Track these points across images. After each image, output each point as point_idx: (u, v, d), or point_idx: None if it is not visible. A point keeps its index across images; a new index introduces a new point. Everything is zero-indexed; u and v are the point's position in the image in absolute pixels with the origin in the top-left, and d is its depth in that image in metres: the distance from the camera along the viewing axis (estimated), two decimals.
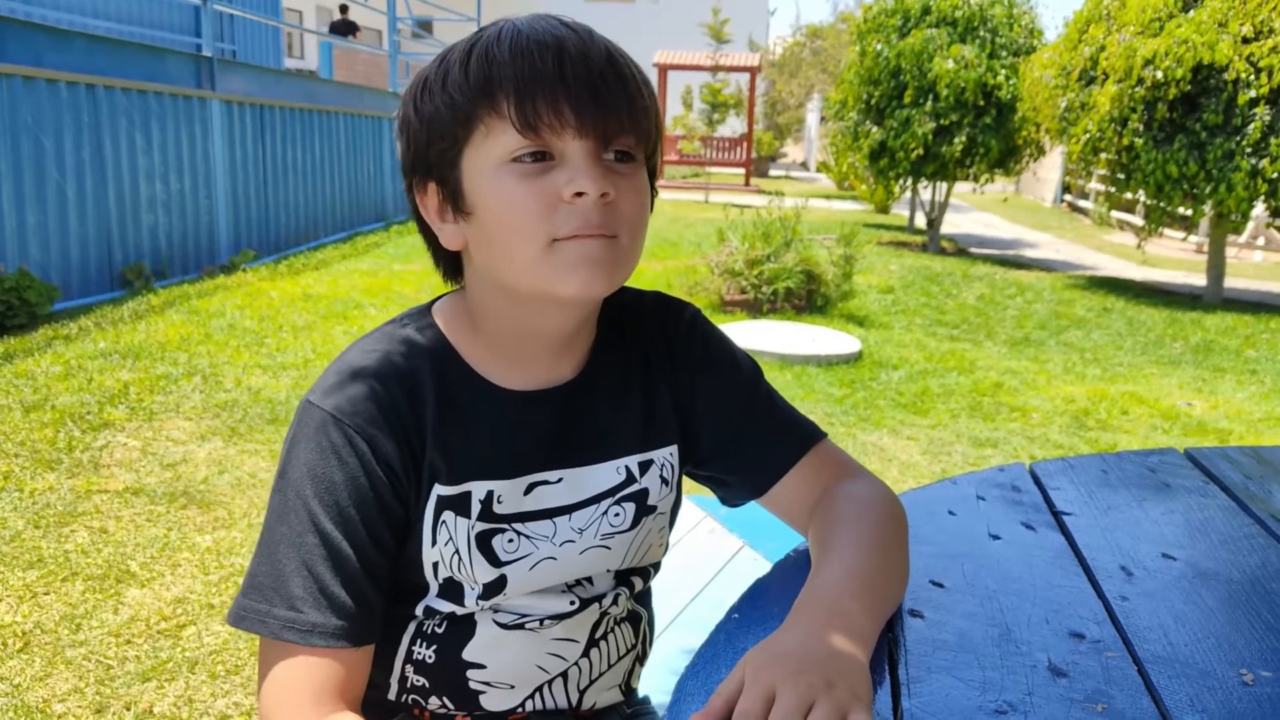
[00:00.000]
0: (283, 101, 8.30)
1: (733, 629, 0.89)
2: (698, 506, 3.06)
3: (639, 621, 1.07)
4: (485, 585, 0.92)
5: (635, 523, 0.99)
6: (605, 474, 0.97)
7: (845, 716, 0.70)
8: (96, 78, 5.97)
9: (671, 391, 1.01)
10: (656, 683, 1.19)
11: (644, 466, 0.99)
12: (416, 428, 0.88)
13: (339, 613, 0.84)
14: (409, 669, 0.96)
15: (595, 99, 0.83)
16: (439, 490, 0.90)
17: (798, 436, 1.03)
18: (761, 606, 0.93)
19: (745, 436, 1.02)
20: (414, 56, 14.54)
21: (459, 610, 0.94)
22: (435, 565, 0.91)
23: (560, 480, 0.94)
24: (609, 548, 0.97)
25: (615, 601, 1.01)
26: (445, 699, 0.96)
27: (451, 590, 0.93)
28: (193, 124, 6.98)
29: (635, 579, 1.03)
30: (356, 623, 0.85)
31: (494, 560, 0.92)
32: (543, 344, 0.93)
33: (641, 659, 1.08)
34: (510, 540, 0.92)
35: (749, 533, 2.95)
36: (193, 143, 6.99)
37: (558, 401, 0.94)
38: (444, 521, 0.90)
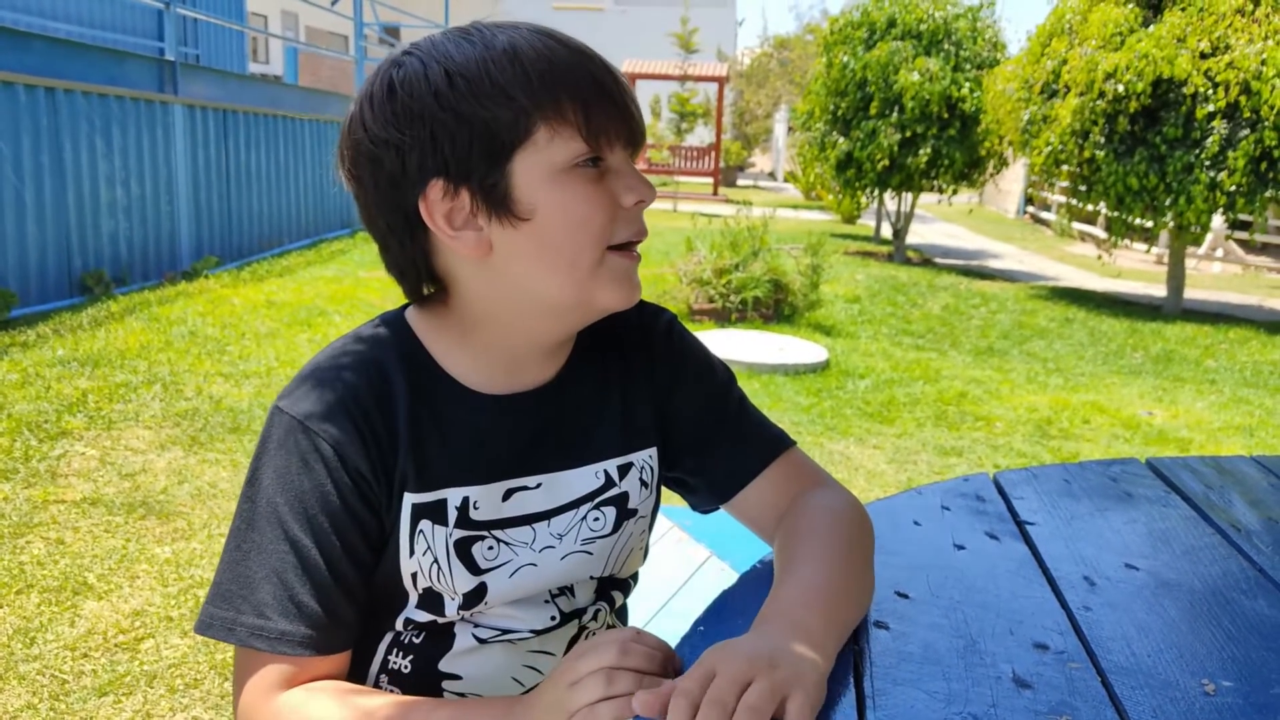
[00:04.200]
0: (246, 106, 8.22)
1: (697, 642, 0.88)
2: (664, 516, 3.05)
3: None
4: (465, 595, 0.91)
5: (617, 527, 0.98)
6: (584, 478, 0.96)
7: (785, 698, 0.69)
8: (56, 81, 5.88)
9: (649, 395, 1.01)
10: None
11: (623, 470, 0.98)
12: (388, 434, 0.86)
13: (308, 621, 0.83)
14: (383, 679, 0.94)
15: (634, 113, 0.87)
16: (412, 498, 0.88)
17: (766, 443, 1.03)
18: (726, 619, 0.93)
19: (715, 441, 1.02)
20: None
21: (439, 620, 0.92)
22: (414, 575, 0.90)
23: (539, 485, 0.93)
24: (590, 553, 0.96)
25: (595, 617, 1.00)
26: None
27: (431, 601, 0.91)
28: (154, 128, 6.89)
29: (615, 593, 1.03)
30: (326, 632, 0.84)
31: (473, 568, 0.90)
32: (537, 351, 0.93)
33: None
34: (490, 548, 0.91)
35: (716, 543, 2.95)
36: (154, 147, 6.90)
37: (534, 405, 0.93)
38: (421, 531, 0.88)
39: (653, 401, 1.01)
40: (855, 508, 0.99)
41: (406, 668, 0.93)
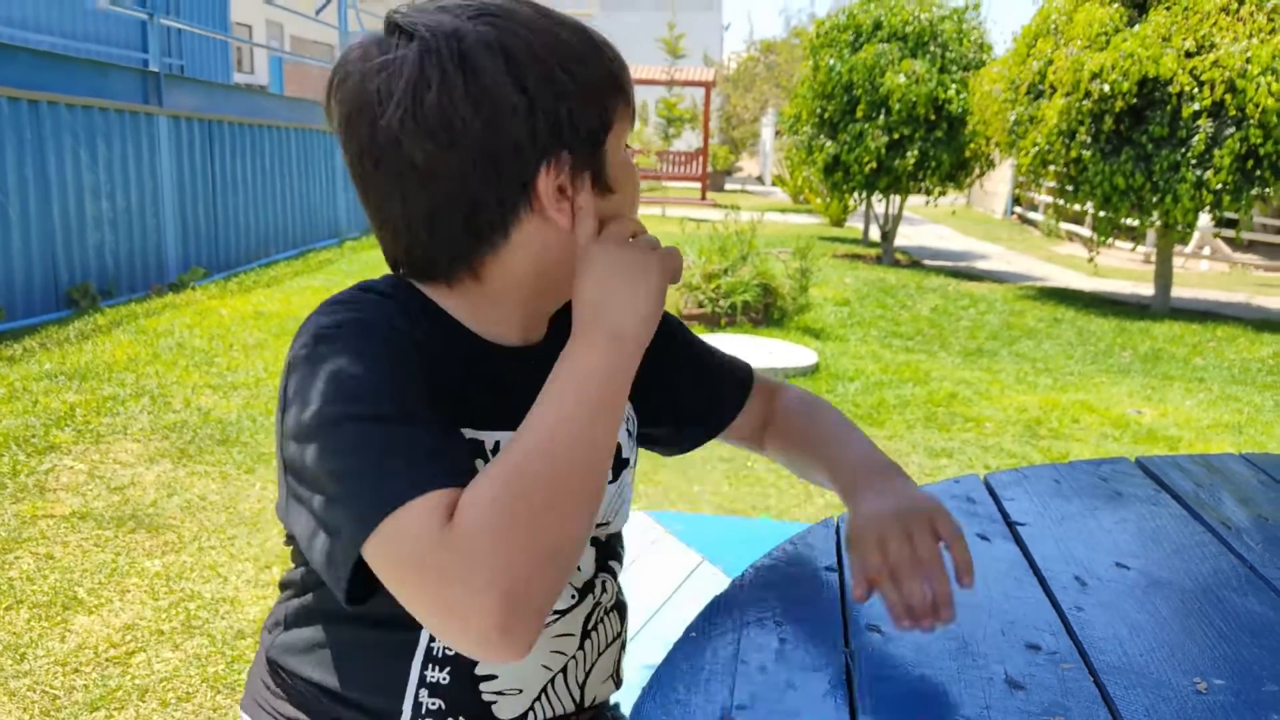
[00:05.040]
0: (232, 117, 8.20)
1: (690, 647, 0.88)
2: (657, 521, 3.05)
3: (624, 610, 1.08)
4: None
5: (615, 476, 1.00)
6: None
7: (934, 524, 0.90)
8: (40, 93, 5.85)
9: None
10: (617, 697, 1.18)
11: None
12: (424, 360, 0.81)
13: (442, 465, 0.73)
14: (423, 693, 0.91)
15: None
16: (466, 432, 0.86)
17: (740, 374, 1.18)
18: (719, 624, 0.92)
19: (697, 384, 1.14)
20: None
21: None
22: None
23: None
24: None
25: (604, 588, 1.01)
26: (461, 718, 0.93)
27: None
28: (139, 140, 6.87)
29: (613, 563, 1.04)
30: (463, 474, 0.74)
31: None
32: (528, 321, 0.95)
33: (624, 645, 1.08)
34: None
35: (708, 548, 2.95)
36: (139, 159, 6.88)
37: (543, 359, 0.91)
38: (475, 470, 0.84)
39: None
40: (808, 391, 1.21)
41: (445, 679, 0.92)
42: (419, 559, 0.68)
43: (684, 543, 2.98)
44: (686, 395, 1.13)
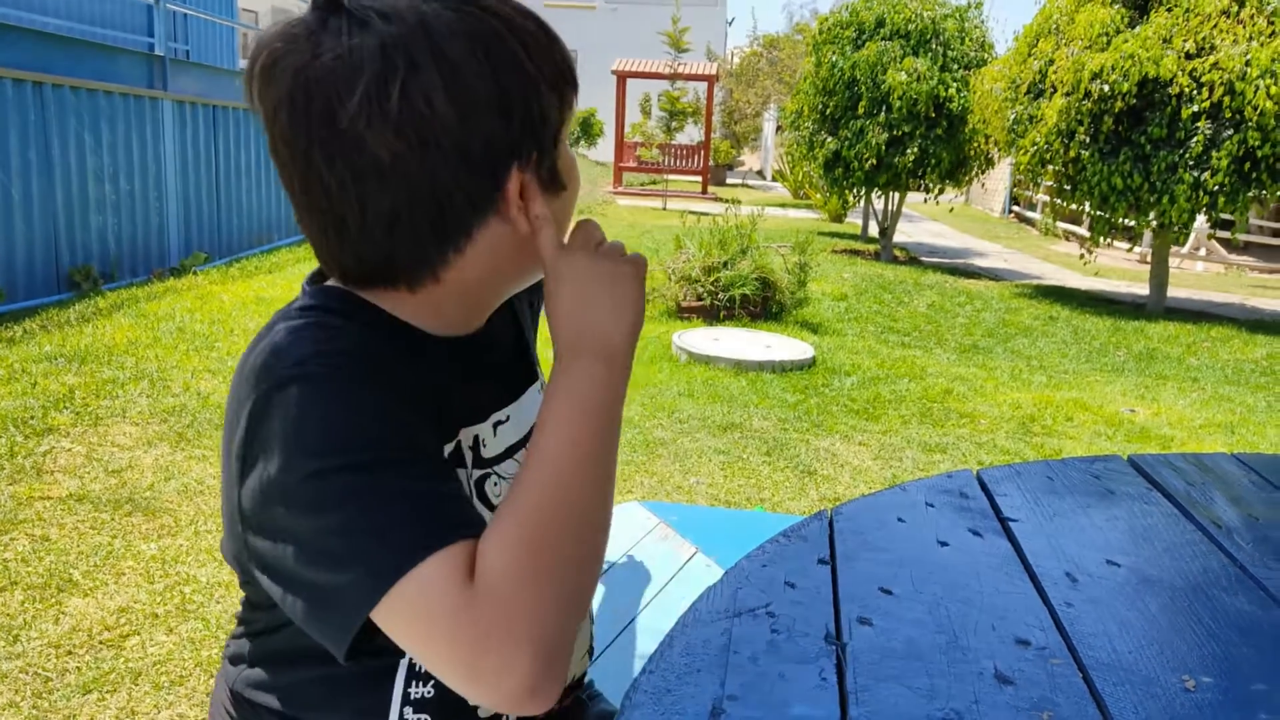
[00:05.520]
0: (236, 103, 8.19)
1: (682, 639, 0.89)
2: (650, 512, 3.06)
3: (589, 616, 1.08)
4: None
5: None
6: (533, 399, 0.99)
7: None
8: (45, 76, 5.84)
9: (531, 307, 1.07)
10: (608, 686, 1.18)
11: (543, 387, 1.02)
12: (396, 379, 0.77)
13: (444, 517, 0.70)
14: (408, 710, 0.87)
15: None
16: (445, 448, 0.84)
17: None
18: (711, 615, 0.93)
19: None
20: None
21: None
22: None
23: (508, 418, 0.94)
24: None
25: None
26: None
27: None
28: (144, 124, 6.86)
29: None
30: (467, 525, 0.71)
31: (491, 508, 0.89)
32: (474, 310, 0.90)
33: (592, 619, 1.09)
34: (495, 484, 0.91)
35: (702, 539, 2.96)
36: (143, 143, 6.87)
37: (486, 343, 0.93)
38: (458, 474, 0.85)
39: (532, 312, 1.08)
40: None
41: (430, 693, 0.87)
42: (446, 622, 0.65)
43: (678, 533, 2.99)
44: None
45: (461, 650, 0.65)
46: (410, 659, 0.85)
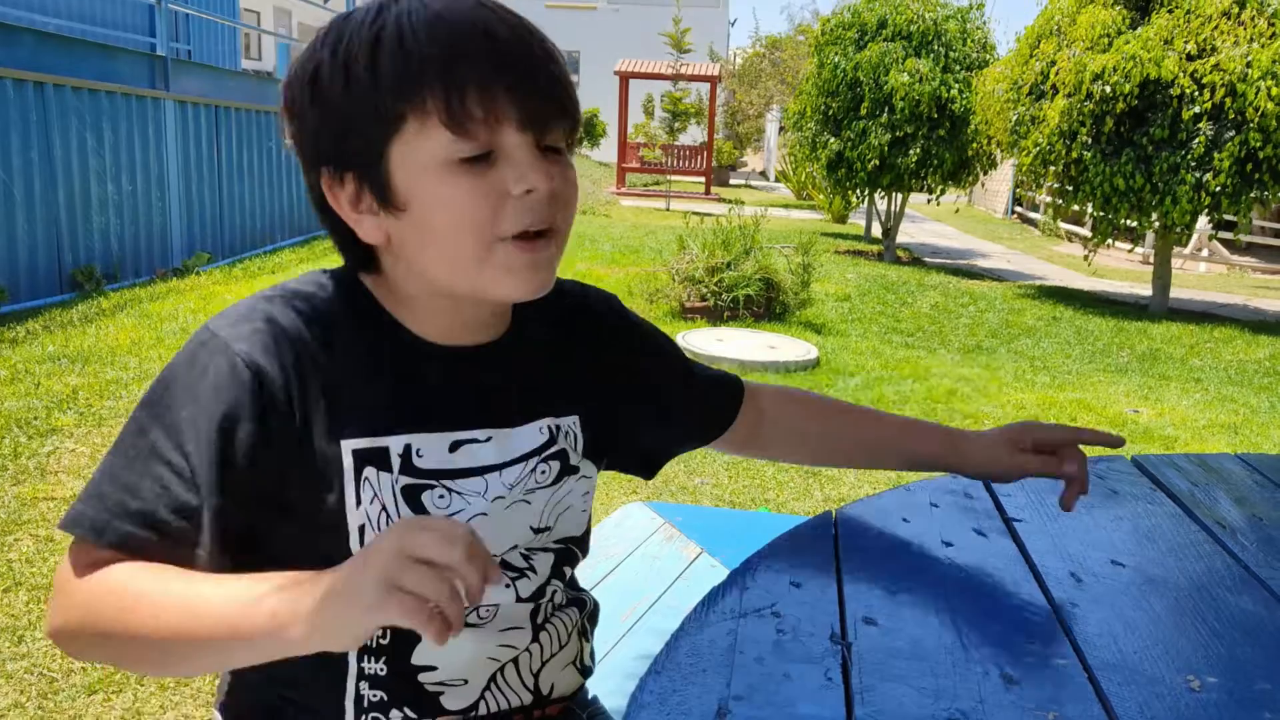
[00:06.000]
0: (238, 103, 8.20)
1: (687, 639, 0.89)
2: (655, 513, 3.06)
3: (583, 604, 1.06)
4: None
5: (557, 480, 0.98)
6: (530, 434, 0.96)
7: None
8: (46, 76, 5.85)
9: (591, 369, 1.03)
10: (613, 687, 1.19)
11: (557, 428, 0.99)
12: (319, 372, 0.85)
13: (160, 536, 0.80)
14: (363, 685, 0.92)
15: (534, 90, 0.81)
16: (351, 444, 0.85)
17: (731, 387, 1.17)
18: (717, 615, 0.93)
19: (688, 400, 1.13)
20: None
21: None
22: (362, 529, 0.87)
23: (489, 439, 0.93)
24: (529, 502, 0.96)
25: (554, 595, 1.01)
26: (406, 709, 0.93)
27: None
28: (146, 124, 6.87)
29: (565, 567, 1.02)
30: (171, 550, 0.81)
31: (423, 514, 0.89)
32: (468, 322, 0.93)
33: (587, 635, 1.07)
34: (441, 496, 0.90)
35: (706, 539, 2.96)
36: (145, 143, 6.88)
37: (481, 360, 0.94)
38: (366, 479, 0.86)
39: (587, 373, 1.03)
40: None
41: (383, 670, 0.92)
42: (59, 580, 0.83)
43: (683, 534, 2.99)
44: (681, 412, 1.14)
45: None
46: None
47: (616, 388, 1.05)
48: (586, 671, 1.07)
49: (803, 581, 1.01)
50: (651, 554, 2.78)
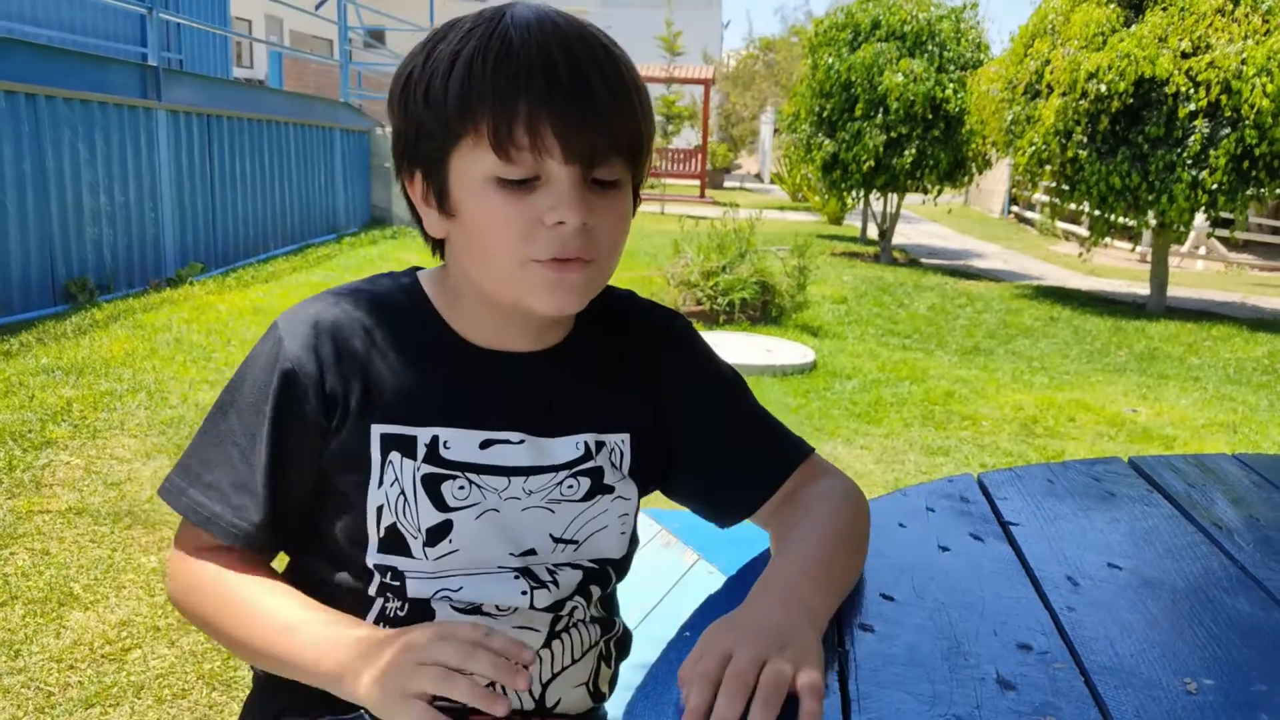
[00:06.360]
0: (230, 111, 8.19)
1: (684, 646, 0.89)
2: (652, 519, 3.05)
3: (609, 625, 1.07)
4: (428, 530, 0.92)
5: (589, 496, 0.99)
6: (565, 446, 0.98)
7: (797, 671, 0.74)
8: (38, 87, 5.84)
9: (643, 390, 1.03)
10: (610, 697, 1.18)
11: (598, 446, 1.00)
12: (352, 364, 0.93)
13: (237, 513, 0.93)
14: (382, 624, 0.95)
15: (583, 125, 0.84)
16: (380, 429, 0.93)
17: (787, 452, 1.06)
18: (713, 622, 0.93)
19: (736, 450, 1.05)
20: (365, 66, 14.45)
21: (402, 566, 0.93)
22: (380, 509, 0.93)
23: (522, 442, 0.95)
24: (552, 511, 0.97)
25: (574, 611, 1.01)
26: None
27: (395, 543, 0.93)
28: (138, 134, 6.86)
29: (594, 587, 1.02)
30: (251, 528, 0.93)
31: (440, 504, 0.93)
32: (516, 328, 0.97)
33: (607, 659, 1.07)
34: (461, 487, 0.93)
35: (704, 546, 2.95)
36: (138, 154, 6.86)
37: (525, 366, 0.97)
38: (390, 462, 0.92)
39: (642, 395, 1.03)
40: (849, 485, 1.05)
41: (403, 611, 0.96)
42: (175, 543, 1.00)
43: (680, 541, 2.99)
44: (728, 468, 1.06)
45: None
46: (383, 605, 0.96)
47: (667, 415, 1.04)
48: (600, 696, 1.07)
49: None
50: (649, 561, 2.77)
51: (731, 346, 6.05)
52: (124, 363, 4.93)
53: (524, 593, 0.96)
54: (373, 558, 0.94)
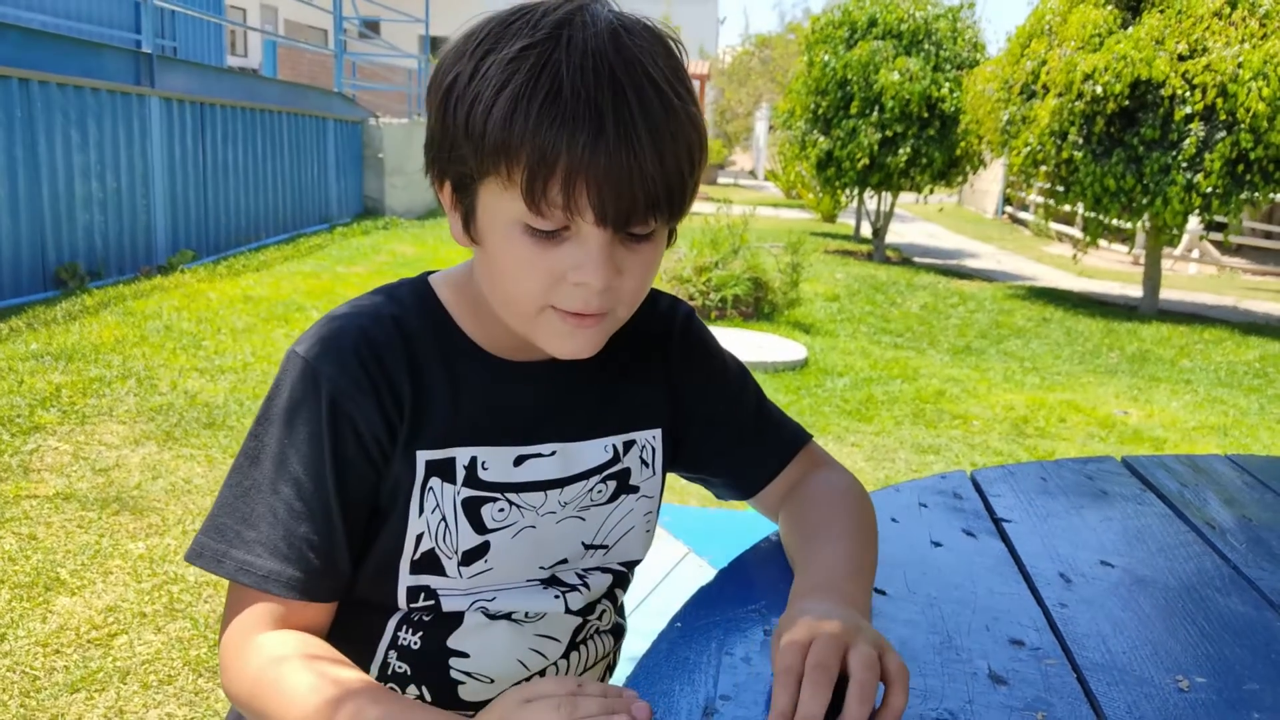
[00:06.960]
0: (224, 100, 8.16)
1: (675, 638, 0.88)
2: None
3: (621, 634, 1.07)
4: (465, 552, 0.91)
5: (613, 498, 0.98)
6: (594, 451, 0.97)
7: (882, 653, 0.75)
8: (31, 72, 5.81)
9: (661, 379, 1.03)
10: None
11: (627, 446, 0.99)
12: (395, 386, 0.88)
13: (298, 565, 0.84)
14: (392, 654, 0.94)
15: (623, 188, 0.77)
16: (425, 455, 0.89)
17: (785, 441, 1.09)
18: (704, 615, 0.92)
19: (734, 440, 1.07)
20: (360, 57, 14.40)
21: (435, 585, 0.92)
22: (419, 536, 0.90)
23: (554, 453, 0.94)
24: (583, 519, 0.97)
25: (603, 614, 1.01)
26: (424, 688, 0.95)
27: (429, 563, 0.91)
28: (131, 121, 6.82)
29: (618, 590, 1.03)
30: (315, 578, 0.85)
31: (480, 527, 0.91)
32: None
33: (612, 668, 1.08)
34: (501, 509, 0.92)
35: (693, 539, 2.95)
36: (130, 140, 6.83)
37: (547, 375, 0.95)
38: (431, 489, 0.89)
39: (664, 387, 1.03)
40: (852, 479, 1.07)
41: (416, 644, 0.94)
42: (226, 620, 0.87)
43: (670, 534, 2.99)
44: (731, 454, 1.07)
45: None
46: (407, 611, 0.92)
47: (685, 405, 1.05)
48: None
49: (790, 580, 1.00)
50: None
51: (724, 342, 6.03)
52: (114, 349, 4.91)
53: (556, 597, 0.97)
54: (405, 580, 0.91)
